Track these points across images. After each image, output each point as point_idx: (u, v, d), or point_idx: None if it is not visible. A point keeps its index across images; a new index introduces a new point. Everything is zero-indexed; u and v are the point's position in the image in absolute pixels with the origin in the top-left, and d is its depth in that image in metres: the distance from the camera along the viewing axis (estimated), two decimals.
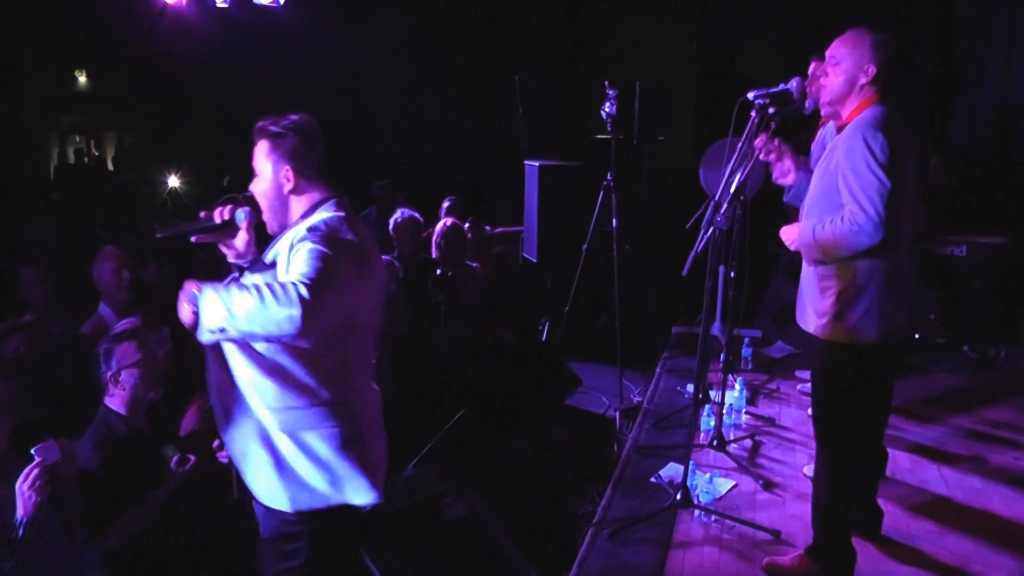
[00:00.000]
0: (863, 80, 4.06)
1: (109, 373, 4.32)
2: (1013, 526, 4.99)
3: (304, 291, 2.68)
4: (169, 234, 3.19)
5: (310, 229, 2.92)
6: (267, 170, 3.06)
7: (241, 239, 3.11)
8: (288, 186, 3.02)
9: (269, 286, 2.72)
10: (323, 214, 3.03)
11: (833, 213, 4.02)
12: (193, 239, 3.17)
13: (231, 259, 3.16)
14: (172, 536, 4.30)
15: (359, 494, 3.13)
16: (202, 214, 3.17)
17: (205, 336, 2.83)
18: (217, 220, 3.14)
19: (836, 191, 4.02)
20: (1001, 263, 8.12)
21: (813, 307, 4.23)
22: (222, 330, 2.79)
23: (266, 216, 3.13)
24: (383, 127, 13.86)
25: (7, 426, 3.68)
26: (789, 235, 4.40)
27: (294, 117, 3.03)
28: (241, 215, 3.10)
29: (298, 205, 3.06)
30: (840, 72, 4.13)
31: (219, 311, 2.76)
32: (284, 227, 3.12)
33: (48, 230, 8.12)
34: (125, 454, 4.24)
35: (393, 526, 4.51)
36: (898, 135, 3.91)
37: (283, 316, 2.68)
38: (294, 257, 2.87)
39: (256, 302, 2.70)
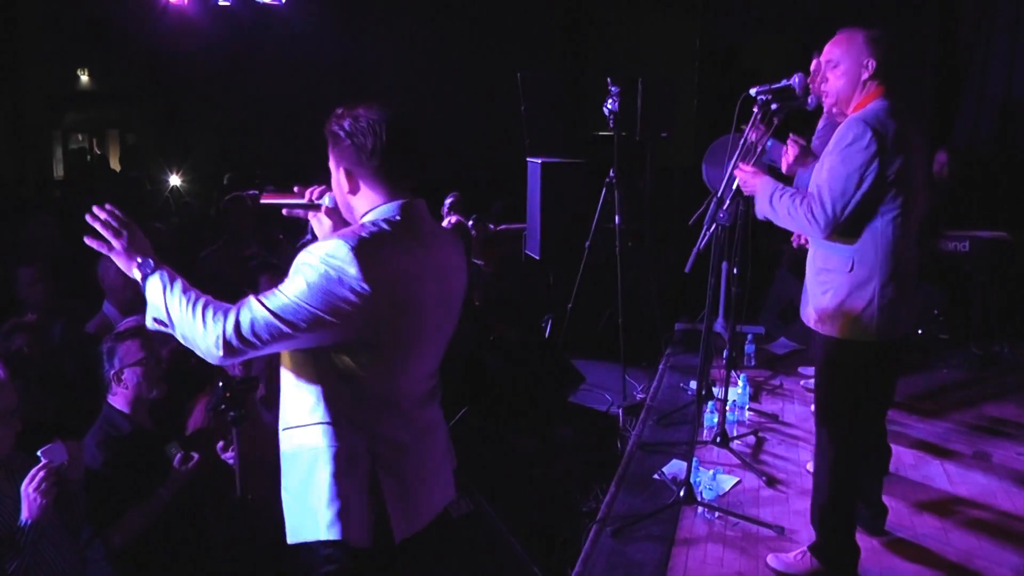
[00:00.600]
0: (865, 75, 4.04)
1: (112, 372, 4.33)
2: (1017, 522, 4.99)
3: (232, 335, 2.60)
4: (271, 202, 3.24)
5: (313, 253, 2.65)
6: (332, 169, 2.91)
7: (324, 222, 3.11)
8: (345, 187, 2.85)
9: (209, 307, 2.66)
10: (372, 217, 2.82)
11: None
12: (285, 212, 3.22)
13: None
14: (177, 534, 4.30)
15: (327, 528, 2.82)
16: (296, 188, 3.17)
17: (150, 324, 2.77)
18: (305, 199, 3.15)
19: None
20: (1005, 259, 8.11)
21: (814, 304, 4.23)
22: (163, 325, 2.74)
23: (342, 212, 3.03)
24: None
25: (14, 430, 3.68)
26: (747, 179, 4.40)
27: (350, 116, 2.79)
28: (327, 199, 3.08)
29: (358, 207, 2.88)
30: (841, 74, 4.11)
31: (159, 307, 2.72)
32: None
33: (49, 229, 8.11)
34: (128, 452, 4.25)
35: None
36: (895, 131, 3.88)
37: (204, 348, 2.65)
38: (290, 275, 2.69)
39: (189, 318, 2.65)
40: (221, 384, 4.03)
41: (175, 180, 15.51)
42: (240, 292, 2.79)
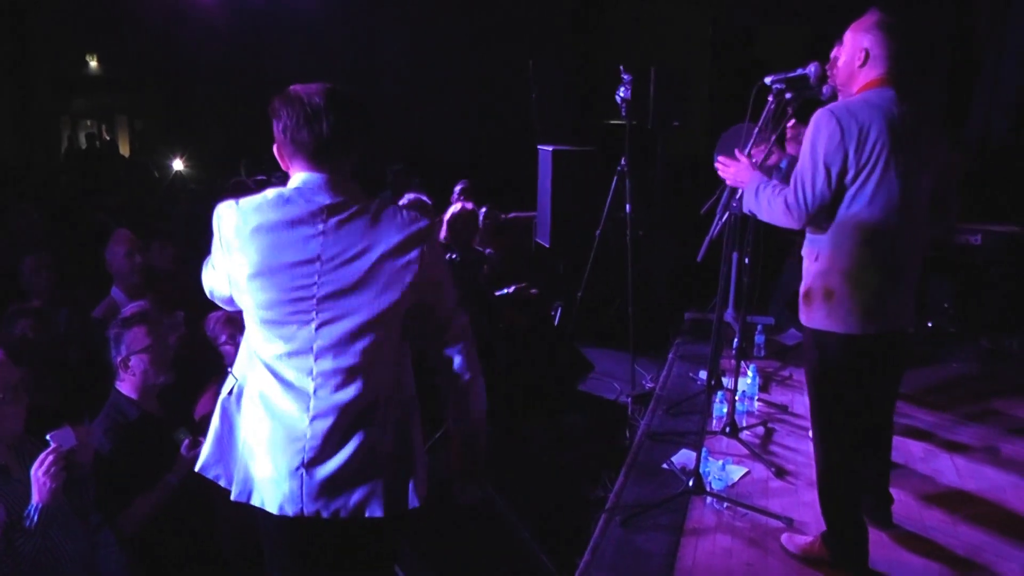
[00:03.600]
0: (858, 62, 4.02)
1: (119, 358, 4.31)
2: None
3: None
4: None
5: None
6: None
7: None
8: (283, 165, 2.93)
9: None
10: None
11: None
12: None
13: None
14: (188, 519, 4.30)
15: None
16: None
17: None
18: None
19: None
20: (1017, 253, 8.09)
21: (800, 291, 4.25)
22: None
23: None
24: (396, 110, 13.83)
25: (23, 407, 3.68)
26: (735, 172, 4.38)
27: (282, 94, 2.85)
28: None
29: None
30: (842, 56, 4.12)
31: None
32: None
33: (31, 219, 8.09)
34: (136, 438, 4.23)
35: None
36: (866, 120, 3.87)
37: None
38: None
39: None
40: (231, 370, 4.02)
41: (178, 165, 15.43)
42: None
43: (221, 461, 3.02)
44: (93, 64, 20.60)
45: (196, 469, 3.06)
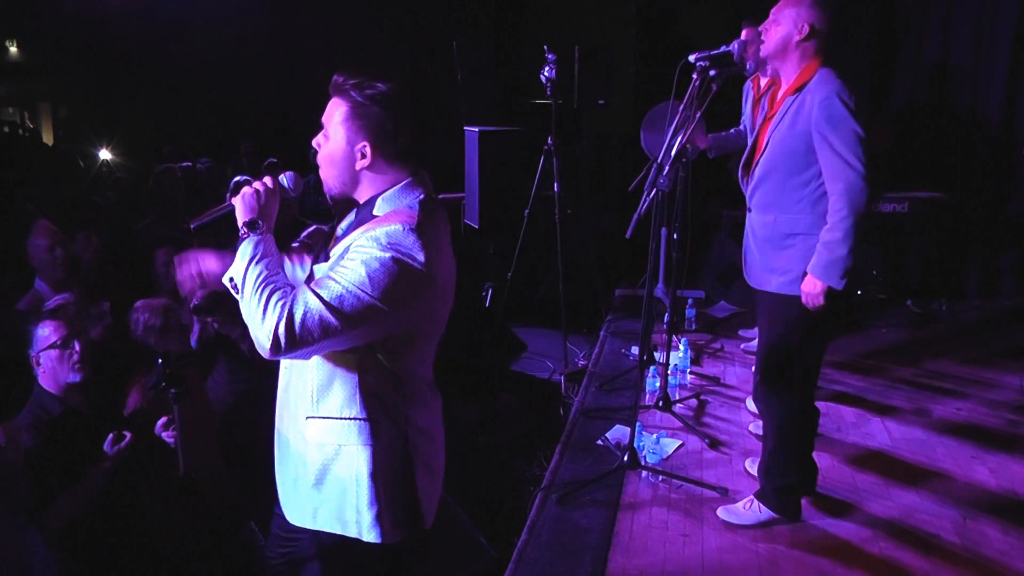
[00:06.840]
0: (797, 38, 4.07)
1: (33, 354, 4.24)
2: (956, 476, 5.06)
3: (284, 332, 2.40)
4: (202, 221, 2.83)
5: (376, 239, 2.49)
6: (340, 138, 2.66)
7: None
8: (362, 163, 2.64)
9: (273, 295, 2.46)
10: (400, 201, 2.65)
11: (800, 173, 4.08)
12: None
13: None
14: (117, 515, 4.24)
15: (368, 529, 2.74)
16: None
17: (225, 280, 2.61)
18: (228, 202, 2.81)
19: (804, 152, 4.03)
20: (941, 218, 8.23)
21: (776, 264, 4.24)
22: (236, 290, 2.56)
23: (328, 179, 2.73)
24: (321, 93, 13.70)
25: None
26: (815, 295, 4.12)
27: (383, 86, 2.60)
28: (284, 179, 2.83)
29: (372, 182, 2.69)
30: (777, 31, 4.15)
31: (238, 271, 2.56)
32: (348, 196, 2.75)
33: None
34: (59, 434, 4.15)
35: None
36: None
37: (256, 337, 2.46)
38: (344, 261, 2.52)
39: (253, 302, 2.48)
40: (160, 361, 3.96)
41: (105, 154, 15.12)
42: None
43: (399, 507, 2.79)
44: (13, 49, 20.20)
45: (381, 541, 2.75)
